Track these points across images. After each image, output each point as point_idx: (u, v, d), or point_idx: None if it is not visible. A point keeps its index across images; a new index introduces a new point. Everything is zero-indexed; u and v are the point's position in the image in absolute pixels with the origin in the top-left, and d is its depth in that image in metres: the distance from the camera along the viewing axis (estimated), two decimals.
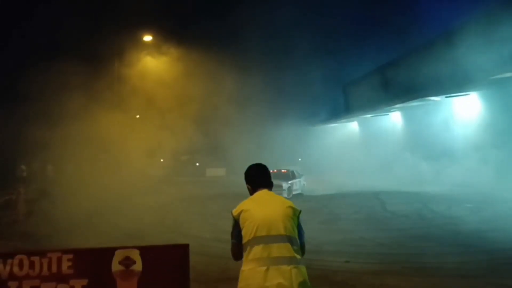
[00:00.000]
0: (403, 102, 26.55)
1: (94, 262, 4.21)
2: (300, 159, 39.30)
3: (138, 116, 28.04)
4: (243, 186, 3.65)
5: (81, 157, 22.17)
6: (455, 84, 21.22)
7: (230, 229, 3.36)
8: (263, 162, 3.80)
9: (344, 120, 38.66)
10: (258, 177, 3.57)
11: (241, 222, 3.26)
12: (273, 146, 36.60)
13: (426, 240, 10.24)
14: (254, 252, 3.14)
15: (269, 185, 3.54)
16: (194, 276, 4.68)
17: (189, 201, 19.89)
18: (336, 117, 39.21)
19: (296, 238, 3.24)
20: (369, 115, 33.61)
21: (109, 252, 4.22)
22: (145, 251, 4.25)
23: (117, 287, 4.17)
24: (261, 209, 3.26)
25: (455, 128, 23.54)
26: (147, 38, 24.53)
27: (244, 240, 3.22)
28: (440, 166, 22.64)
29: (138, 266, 4.19)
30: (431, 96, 23.70)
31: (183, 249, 4.28)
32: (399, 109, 29.74)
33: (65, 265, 4.15)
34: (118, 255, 4.19)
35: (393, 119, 31.82)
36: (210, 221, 13.86)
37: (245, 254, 3.20)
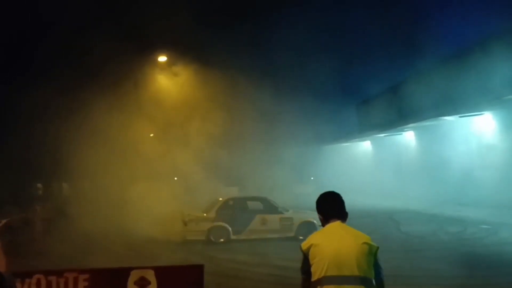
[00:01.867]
0: (416, 121, 26.45)
1: (110, 282, 4.27)
2: (312, 178, 39.18)
3: (152, 135, 28.35)
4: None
5: (96, 175, 22.46)
6: (469, 104, 21.10)
7: (243, 250, 3.35)
8: (276, 181, 3.70)
9: (357, 139, 38.59)
10: (330, 207, 3.29)
11: (310, 257, 3.04)
12: (285, 165, 36.61)
13: (442, 262, 10.07)
14: None
15: (342, 216, 3.25)
16: None
17: None
18: (349, 136, 39.14)
19: (371, 279, 2.98)
20: (382, 135, 33.50)
21: (124, 273, 4.28)
22: (160, 271, 4.30)
23: None
24: (333, 245, 3.00)
25: (470, 147, 23.31)
26: (162, 58, 24.94)
27: (314, 278, 3.00)
28: (455, 187, 22.38)
29: (153, 286, 4.23)
30: (445, 115, 23.57)
31: (198, 269, 4.33)
32: (413, 128, 29.60)
33: (82, 285, 4.22)
34: (134, 275, 4.25)
35: (407, 138, 31.65)
36: (224, 241, 13.83)
37: None
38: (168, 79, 25.28)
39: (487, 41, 21.22)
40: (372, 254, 3.03)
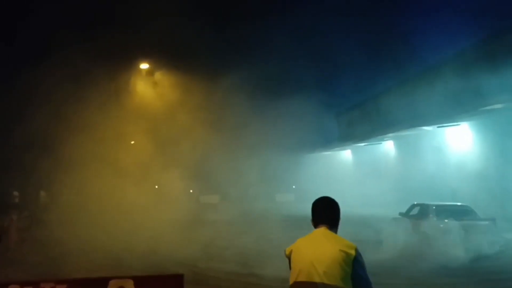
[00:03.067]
0: (395, 131, 26.90)
1: None
2: (294, 187, 39.35)
3: (133, 142, 28.11)
4: (236, 213, 3.66)
5: (74, 183, 22.11)
6: (446, 114, 21.58)
7: (222, 258, 3.38)
8: (257, 189, 3.66)
9: (338, 148, 38.97)
10: (319, 212, 3.20)
11: (291, 262, 3.04)
12: (267, 174, 36.67)
13: (417, 271, 10.21)
14: None
15: (330, 222, 3.13)
16: None
17: (182, 228, 19.74)
18: (330, 145, 39.50)
19: (341, 285, 2.81)
20: (362, 144, 33.91)
21: (103, 282, 4.24)
22: (139, 281, 4.28)
23: None
24: (309, 251, 2.95)
25: (447, 156, 23.78)
26: (144, 65, 24.84)
27: (290, 283, 2.99)
28: (433, 194, 22.73)
29: None
30: (423, 126, 24.04)
31: (178, 279, 4.31)
32: (392, 138, 30.07)
33: None
34: (112, 286, 4.21)
35: (386, 147, 32.11)
36: (204, 250, 13.78)
37: None
38: (149, 87, 25.17)
39: (462, 54, 21.80)
40: (348, 263, 2.85)
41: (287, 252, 3.08)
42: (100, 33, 20.22)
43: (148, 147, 23.94)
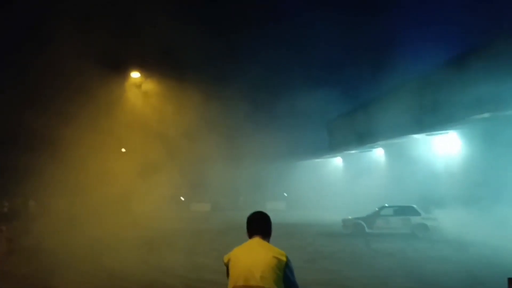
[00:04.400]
0: (385, 139, 27.14)
1: None
2: (285, 194, 39.43)
3: (123, 150, 28.04)
4: (228, 221, 3.73)
5: (63, 193, 21.98)
6: (435, 123, 21.85)
7: (214, 269, 3.47)
8: (248, 197, 3.79)
9: (329, 155, 39.17)
10: (252, 225, 3.54)
11: (229, 269, 3.35)
12: (258, 182, 36.74)
13: (410, 280, 10.32)
14: None
15: (263, 233, 3.49)
16: None
17: (173, 237, 19.71)
18: (321, 153, 39.69)
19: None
20: (352, 151, 34.13)
21: None
22: None
23: None
24: (245, 258, 3.29)
25: (436, 164, 24.02)
26: (135, 74, 24.84)
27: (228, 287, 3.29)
28: (422, 202, 22.92)
29: None
30: (412, 134, 24.30)
31: None
32: (382, 145, 30.31)
33: None
34: None
35: (377, 155, 32.34)
36: (194, 259, 13.75)
37: None
38: (140, 96, 25.17)
39: (450, 64, 22.11)
40: (280, 268, 3.22)
41: (225, 260, 3.40)
42: (92, 39, 20.19)
43: (139, 156, 23.90)
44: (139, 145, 23.79)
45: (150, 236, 19.34)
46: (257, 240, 3.44)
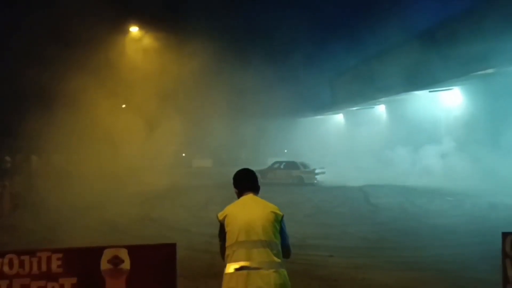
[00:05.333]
0: (387, 95, 26.92)
1: (83, 261, 4.31)
2: (286, 151, 39.60)
3: (124, 106, 27.92)
4: (229, 177, 3.77)
5: (65, 148, 22.07)
6: (438, 79, 21.58)
7: (215, 223, 3.50)
8: (249, 153, 3.83)
9: (330, 112, 39.03)
10: (244, 181, 3.64)
11: (226, 225, 3.40)
12: (260, 138, 36.82)
13: (407, 234, 10.52)
14: (236, 256, 3.29)
15: (254, 189, 3.61)
16: (181, 271, 4.80)
17: (174, 193, 19.98)
18: (323, 109, 39.53)
19: (276, 242, 3.34)
20: (354, 108, 33.97)
21: (98, 251, 4.32)
22: (133, 250, 4.36)
23: (106, 285, 4.28)
24: (244, 214, 3.38)
25: (437, 121, 23.97)
26: (133, 29, 24.35)
27: (227, 244, 3.36)
28: (423, 159, 23.06)
29: (126, 265, 4.30)
30: (415, 90, 24.08)
31: (170, 248, 4.40)
32: (384, 102, 30.12)
33: (55, 264, 4.24)
34: (107, 254, 4.29)
35: (378, 112, 32.21)
36: (196, 214, 13.99)
37: (228, 258, 3.34)
38: (140, 50, 24.76)
39: (454, 19, 21.58)
40: (277, 222, 3.39)
41: (221, 217, 3.45)
42: None
43: (140, 111, 23.81)
44: (140, 101, 23.61)
45: (152, 191, 19.58)
46: (251, 197, 3.54)
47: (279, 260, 3.31)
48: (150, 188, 20.66)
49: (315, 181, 23.14)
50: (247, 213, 3.38)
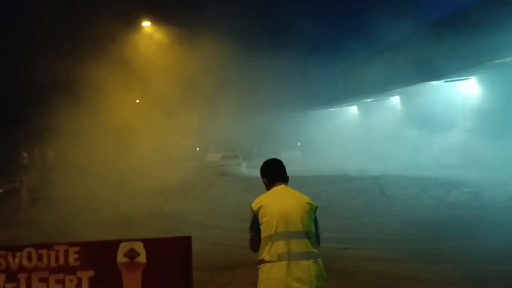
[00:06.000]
0: (402, 86, 26.58)
1: (100, 254, 4.34)
2: (299, 144, 39.48)
3: (138, 101, 28.05)
4: (241, 170, 3.71)
5: (81, 142, 22.30)
6: (454, 69, 21.22)
7: (229, 216, 3.49)
8: (262, 147, 3.81)
9: (344, 104, 38.75)
10: (275, 172, 3.66)
11: (260, 217, 3.38)
12: (272, 131, 36.73)
13: (424, 226, 10.38)
14: (275, 248, 3.28)
15: (285, 179, 3.64)
16: (196, 264, 4.80)
17: (189, 187, 20.07)
18: (336, 101, 39.26)
19: (313, 232, 3.41)
20: (368, 100, 33.65)
21: (114, 245, 4.35)
22: (148, 243, 4.38)
23: (123, 278, 4.31)
24: (280, 205, 3.38)
25: (453, 112, 23.62)
26: (146, 23, 24.41)
27: (264, 235, 3.34)
28: (439, 150, 22.79)
29: (142, 258, 4.32)
30: (430, 80, 23.72)
31: (186, 241, 4.41)
32: (399, 93, 29.76)
33: (72, 257, 4.28)
34: (123, 248, 4.32)
35: (393, 103, 31.87)
36: (210, 207, 14.04)
37: (265, 249, 3.32)
38: (153, 45, 24.80)
39: (471, 7, 21.16)
40: (312, 211, 3.46)
41: (255, 208, 3.41)
42: None
43: (154, 105, 23.92)
44: (154, 96, 23.70)
45: (167, 185, 19.69)
46: (284, 187, 3.57)
47: (316, 251, 3.37)
48: (164, 182, 20.78)
49: None
50: (284, 204, 3.39)
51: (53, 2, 19.71)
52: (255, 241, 3.42)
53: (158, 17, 24.80)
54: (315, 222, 3.47)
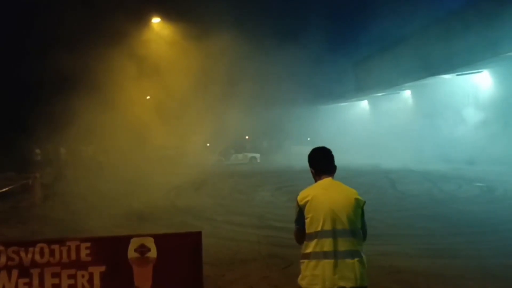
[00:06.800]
0: (413, 80, 26.34)
1: (111, 249, 4.38)
2: (309, 139, 39.36)
3: (148, 97, 28.15)
4: (251, 165, 3.68)
5: (92, 140, 22.49)
6: (467, 62, 20.96)
7: (240, 211, 3.45)
8: (273, 141, 3.73)
9: (354, 98, 38.52)
10: (323, 162, 3.53)
11: (306, 211, 3.30)
12: (282, 126, 36.66)
13: (436, 220, 10.31)
14: (321, 245, 3.22)
15: (332, 170, 3.50)
16: (207, 259, 4.82)
17: (200, 183, 20.11)
18: (347, 96, 39.04)
19: (359, 229, 3.30)
20: (379, 94, 33.40)
21: (125, 240, 4.38)
22: (159, 239, 4.40)
23: (134, 273, 4.34)
24: (327, 201, 3.28)
25: (466, 105, 23.34)
26: (156, 20, 24.45)
27: (310, 231, 3.27)
28: (451, 144, 22.58)
29: (153, 253, 4.34)
30: (442, 74, 23.47)
31: (196, 236, 4.42)
32: (410, 87, 29.50)
33: (84, 253, 4.32)
34: (134, 243, 4.34)
35: (404, 97, 31.60)
36: (221, 203, 14.06)
37: (310, 244, 3.27)
38: (166, 41, 24.85)
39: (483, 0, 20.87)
40: (360, 208, 3.32)
41: (302, 201, 3.30)
42: None
43: (164, 101, 24.00)
44: (165, 92, 23.77)
45: (179, 181, 19.75)
46: (331, 181, 3.44)
47: (361, 248, 3.31)
48: (175, 177, 20.85)
49: None
50: (331, 200, 3.28)
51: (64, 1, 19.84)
52: (301, 234, 3.34)
53: (169, 13, 24.82)
54: (362, 218, 3.35)
